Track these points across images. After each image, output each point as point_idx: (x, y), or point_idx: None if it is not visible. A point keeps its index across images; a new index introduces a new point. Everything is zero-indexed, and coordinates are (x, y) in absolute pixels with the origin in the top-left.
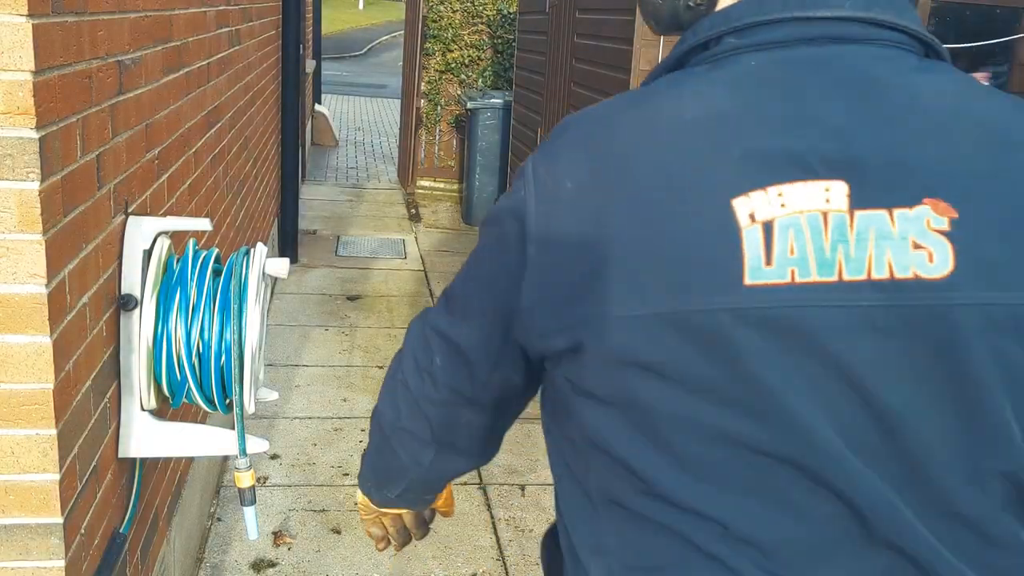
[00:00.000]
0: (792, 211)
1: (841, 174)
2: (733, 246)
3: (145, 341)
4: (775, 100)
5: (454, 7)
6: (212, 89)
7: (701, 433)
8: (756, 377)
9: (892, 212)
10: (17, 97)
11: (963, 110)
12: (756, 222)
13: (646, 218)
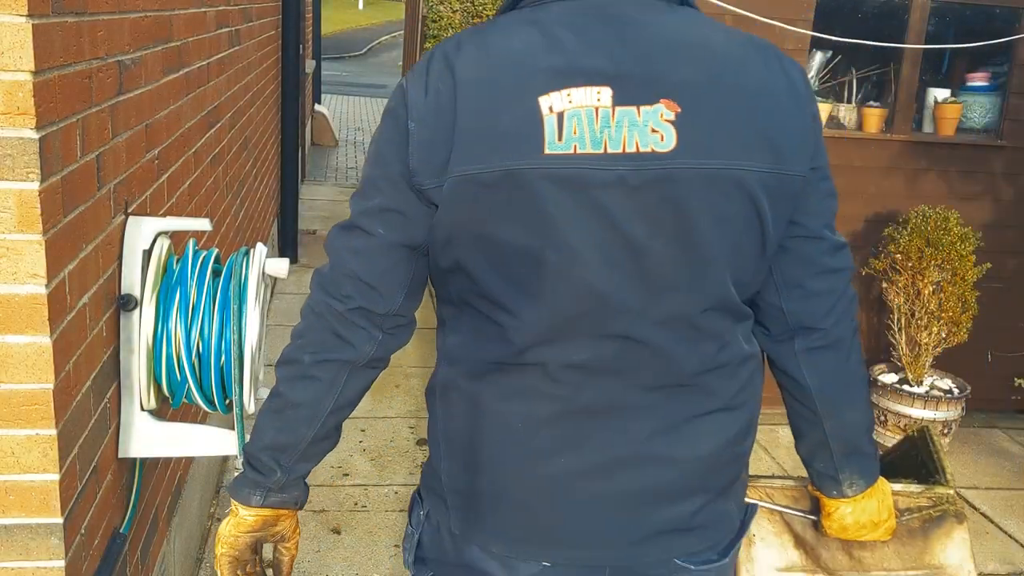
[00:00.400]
0: (576, 106)
1: (608, 82)
2: (537, 128)
3: (145, 341)
4: (569, 34)
5: (454, 7)
6: (212, 89)
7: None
8: (548, 214)
9: (639, 108)
10: (17, 97)
11: (692, 39)
12: (552, 112)
13: (480, 109)
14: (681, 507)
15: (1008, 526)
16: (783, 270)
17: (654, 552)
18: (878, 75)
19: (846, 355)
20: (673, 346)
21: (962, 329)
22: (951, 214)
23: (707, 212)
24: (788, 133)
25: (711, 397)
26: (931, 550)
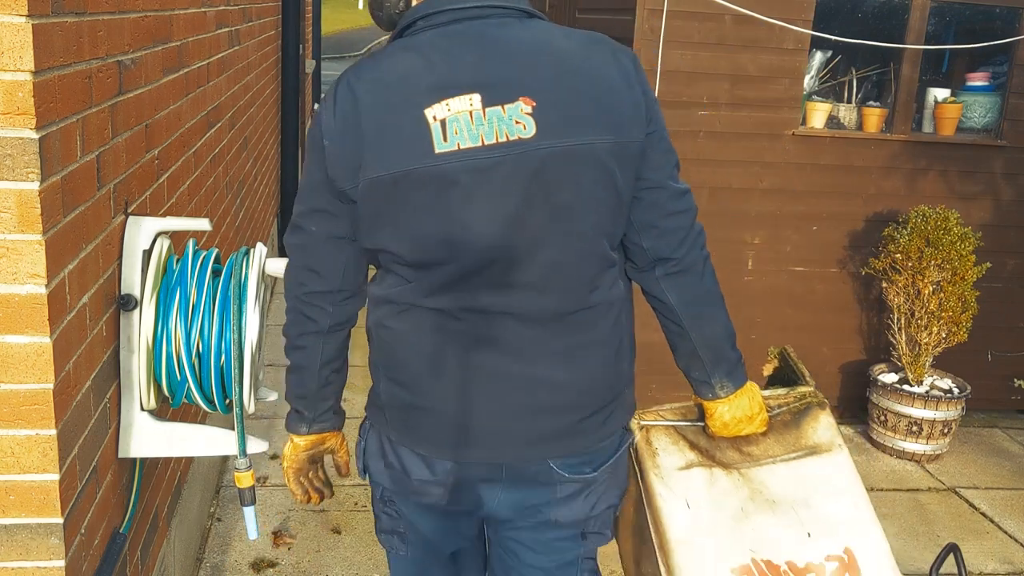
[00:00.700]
0: (454, 112)
1: (477, 90)
2: (427, 134)
3: (145, 341)
4: (441, 55)
5: None
6: (212, 89)
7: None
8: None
9: (503, 106)
10: (17, 97)
11: (541, 46)
12: (437, 120)
13: (380, 124)
14: (562, 419)
15: (1008, 526)
16: (639, 215)
17: (538, 454)
18: (878, 75)
19: (699, 277)
20: (552, 290)
21: (962, 329)
22: (951, 214)
23: (568, 180)
24: (624, 109)
25: (587, 331)
26: (804, 434)
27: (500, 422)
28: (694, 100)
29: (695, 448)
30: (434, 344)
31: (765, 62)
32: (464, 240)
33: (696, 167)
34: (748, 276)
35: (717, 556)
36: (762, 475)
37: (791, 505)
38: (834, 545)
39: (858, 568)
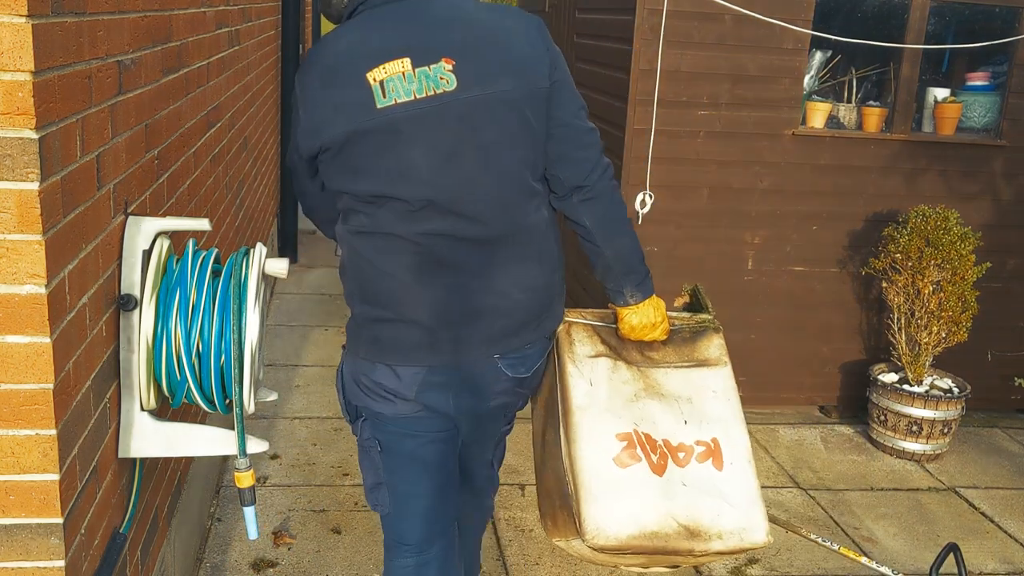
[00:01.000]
0: (390, 74)
1: (407, 54)
2: (369, 94)
3: (145, 341)
4: (383, 28)
5: None
6: (211, 89)
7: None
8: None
9: (429, 66)
10: (17, 97)
11: (460, 15)
12: (376, 82)
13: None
14: (508, 321)
15: (1008, 526)
16: (553, 149)
17: (489, 351)
18: (878, 75)
19: (609, 202)
20: (489, 216)
21: (962, 329)
22: (951, 214)
23: (489, 123)
24: (530, 61)
25: (523, 249)
26: (698, 349)
27: (457, 330)
28: (694, 100)
29: (606, 344)
30: (396, 265)
31: (765, 62)
32: (410, 176)
33: (696, 167)
34: (748, 276)
35: (606, 422)
36: (657, 375)
37: (676, 399)
38: (704, 434)
39: (720, 454)
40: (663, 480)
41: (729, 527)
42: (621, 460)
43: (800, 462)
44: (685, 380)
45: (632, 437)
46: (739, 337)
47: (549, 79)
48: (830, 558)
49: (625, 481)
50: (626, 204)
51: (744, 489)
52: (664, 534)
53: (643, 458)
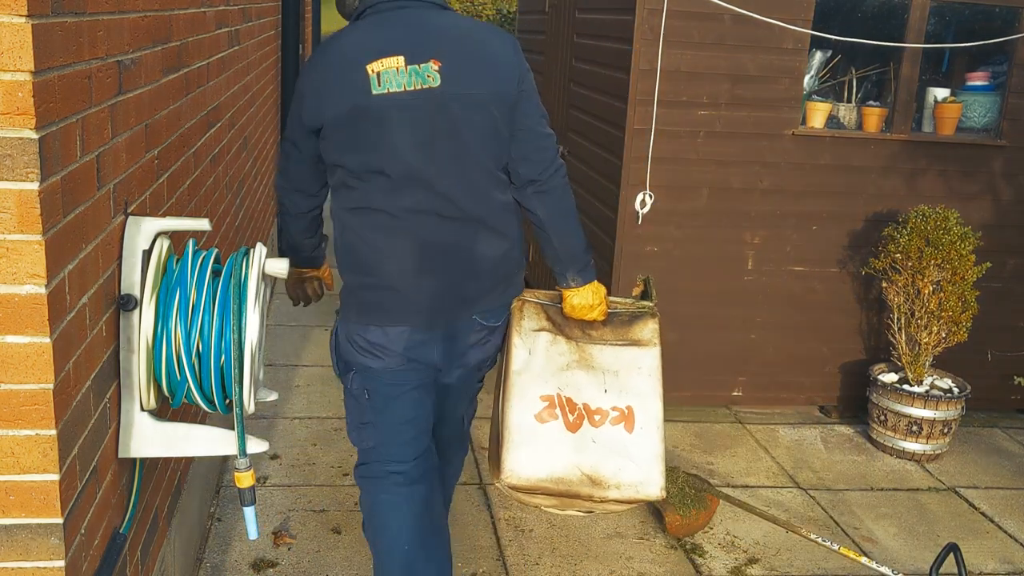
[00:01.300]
0: (386, 68)
1: (402, 53)
2: (367, 82)
3: (145, 341)
4: (385, 30)
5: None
6: (211, 89)
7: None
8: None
9: (419, 64)
10: (17, 97)
11: (448, 25)
12: (374, 73)
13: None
14: (478, 286)
15: (1008, 526)
16: (515, 148)
17: (465, 313)
18: (878, 75)
19: (559, 197)
20: (459, 196)
21: (962, 328)
22: (951, 214)
23: (464, 119)
24: (503, 73)
25: (487, 225)
26: (632, 331)
27: (435, 295)
28: (694, 100)
29: (550, 320)
30: (382, 237)
31: (765, 62)
32: (393, 157)
33: (696, 167)
34: (748, 276)
35: (534, 385)
36: (592, 350)
37: (603, 371)
38: (621, 402)
39: (633, 421)
40: (576, 436)
41: (628, 480)
42: (541, 417)
43: (800, 462)
44: (616, 356)
45: (554, 399)
46: (739, 337)
47: (517, 89)
48: (830, 558)
49: (542, 434)
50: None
51: (648, 451)
52: (568, 480)
53: (560, 417)
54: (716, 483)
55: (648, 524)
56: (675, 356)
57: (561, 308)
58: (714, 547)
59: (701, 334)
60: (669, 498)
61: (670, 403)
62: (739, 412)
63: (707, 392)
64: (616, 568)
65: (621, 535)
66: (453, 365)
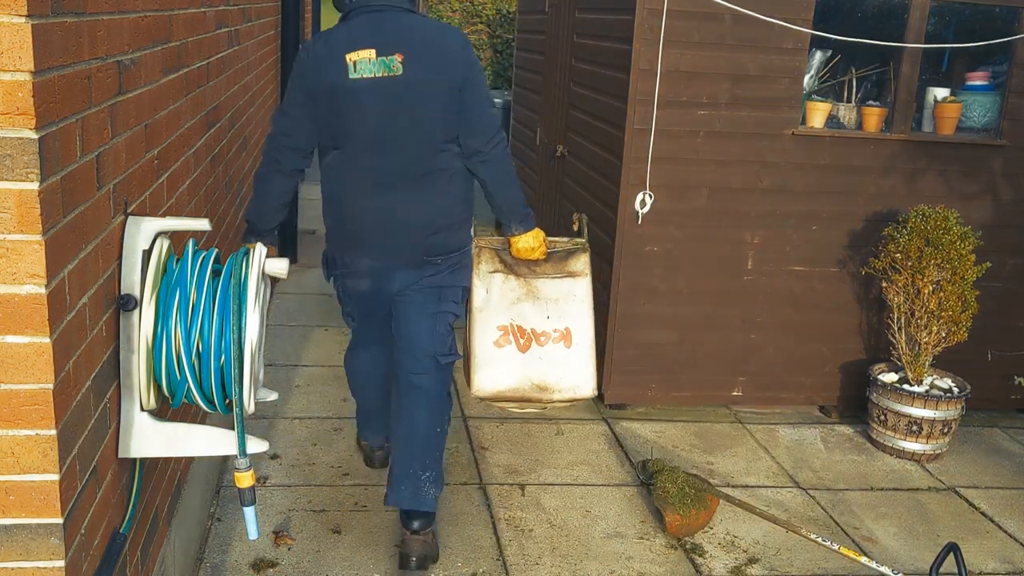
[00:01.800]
0: (361, 57)
1: (373, 47)
2: (346, 68)
3: (145, 341)
4: (362, 28)
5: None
6: (211, 89)
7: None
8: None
9: (388, 56)
10: (17, 97)
11: (412, 26)
12: (351, 61)
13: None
14: (425, 232)
15: (1008, 525)
16: (461, 124)
17: (418, 251)
18: (878, 74)
19: (499, 165)
20: (411, 160)
21: (962, 328)
22: (951, 213)
23: (419, 100)
24: (452, 65)
25: (436, 185)
26: (568, 264)
27: (388, 235)
28: (694, 100)
29: (503, 263)
30: (350, 190)
31: (765, 62)
32: (362, 128)
33: (696, 167)
34: (748, 276)
35: (493, 318)
36: (537, 283)
37: (546, 301)
38: (560, 325)
39: (570, 339)
40: (526, 355)
41: (567, 385)
42: (498, 343)
43: (800, 462)
44: (556, 287)
45: (508, 328)
46: (739, 337)
47: (463, 77)
48: (830, 558)
49: (499, 357)
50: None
51: (582, 361)
52: (522, 389)
53: (513, 342)
54: (716, 483)
55: (648, 524)
56: (675, 356)
57: (508, 251)
58: (714, 547)
59: (701, 334)
60: (669, 498)
61: (670, 403)
62: (739, 412)
63: (707, 392)
64: (616, 568)
65: (621, 535)
66: (408, 289)
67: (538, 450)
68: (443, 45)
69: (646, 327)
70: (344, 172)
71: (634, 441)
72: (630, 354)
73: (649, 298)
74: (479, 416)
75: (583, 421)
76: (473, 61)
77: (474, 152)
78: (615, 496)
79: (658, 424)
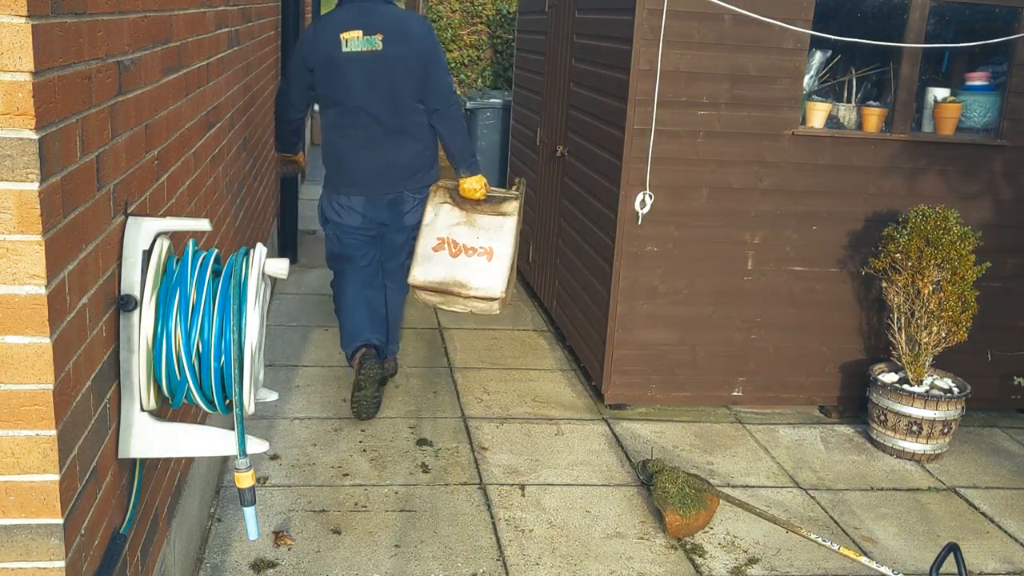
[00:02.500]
0: (350, 36)
1: (360, 28)
2: (339, 44)
3: (145, 341)
4: (350, 13)
5: (454, 7)
6: (211, 89)
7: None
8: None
9: (371, 36)
10: (16, 98)
11: (389, 13)
12: (343, 38)
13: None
14: (399, 174)
15: (1008, 526)
16: (426, 89)
17: (397, 188)
18: (878, 74)
19: (453, 121)
20: (389, 116)
21: (962, 328)
22: (951, 213)
23: (393, 70)
24: (418, 45)
25: (407, 136)
26: (502, 207)
27: (375, 176)
28: (694, 100)
29: (451, 198)
30: (342, 139)
31: (765, 62)
32: (349, 92)
33: (696, 167)
34: (748, 276)
35: (434, 232)
36: (475, 216)
37: (479, 228)
38: (486, 244)
39: (492, 255)
40: (454, 260)
41: (481, 285)
42: (435, 248)
43: (800, 462)
44: (489, 221)
45: (444, 239)
46: (739, 337)
47: (427, 55)
48: (830, 558)
49: (434, 257)
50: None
51: (498, 271)
52: (446, 283)
53: (446, 249)
54: (716, 483)
55: (648, 524)
56: (675, 356)
57: (458, 190)
58: (714, 547)
59: (701, 334)
60: (669, 498)
61: (670, 403)
62: (739, 412)
63: (707, 392)
64: (616, 568)
65: (621, 535)
66: (395, 224)
67: (538, 450)
68: (412, 29)
69: (646, 327)
70: (340, 126)
71: (634, 441)
72: (630, 354)
73: (649, 298)
74: (479, 416)
75: (583, 421)
76: (436, 43)
77: (434, 110)
78: (615, 496)
79: (658, 424)
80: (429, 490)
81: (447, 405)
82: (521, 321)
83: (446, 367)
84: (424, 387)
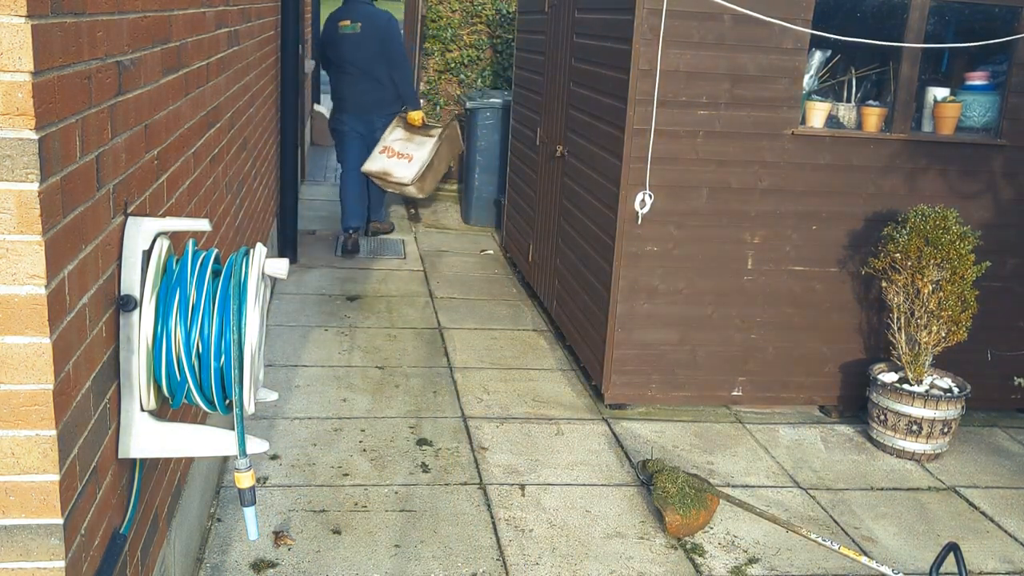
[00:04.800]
0: (345, 24)
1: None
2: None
3: (145, 342)
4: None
5: (453, 7)
6: (211, 89)
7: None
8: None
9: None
10: (16, 98)
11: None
12: (340, 25)
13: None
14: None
15: (1008, 525)
16: (386, 55)
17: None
18: (877, 74)
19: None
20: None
21: (962, 328)
22: (950, 213)
23: (369, 45)
24: (382, 29)
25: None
26: (430, 132)
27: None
28: (694, 100)
29: (402, 124)
30: (340, 83)
31: (764, 62)
32: (343, 56)
33: (696, 167)
34: (748, 276)
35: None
36: (412, 135)
37: (410, 143)
38: (411, 152)
39: (412, 159)
40: (389, 160)
41: (400, 175)
42: (381, 152)
43: (800, 462)
44: (420, 140)
45: (387, 147)
46: (739, 337)
47: (386, 36)
48: (830, 558)
49: (378, 157)
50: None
51: (412, 170)
52: (381, 172)
53: (385, 153)
54: (716, 483)
55: (648, 524)
56: (675, 356)
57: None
58: (714, 547)
59: (701, 334)
60: (669, 498)
61: (670, 403)
62: (739, 412)
63: (707, 392)
64: (616, 568)
65: (621, 535)
66: (369, 136)
67: (538, 450)
68: (380, 21)
69: (646, 327)
70: (339, 76)
71: (634, 441)
72: (630, 354)
73: (649, 298)
74: (479, 416)
75: (583, 421)
76: (394, 28)
77: (393, 69)
78: (615, 496)
79: (658, 424)
80: (429, 490)
81: (447, 405)
82: (521, 321)
83: (446, 367)
84: (424, 387)
